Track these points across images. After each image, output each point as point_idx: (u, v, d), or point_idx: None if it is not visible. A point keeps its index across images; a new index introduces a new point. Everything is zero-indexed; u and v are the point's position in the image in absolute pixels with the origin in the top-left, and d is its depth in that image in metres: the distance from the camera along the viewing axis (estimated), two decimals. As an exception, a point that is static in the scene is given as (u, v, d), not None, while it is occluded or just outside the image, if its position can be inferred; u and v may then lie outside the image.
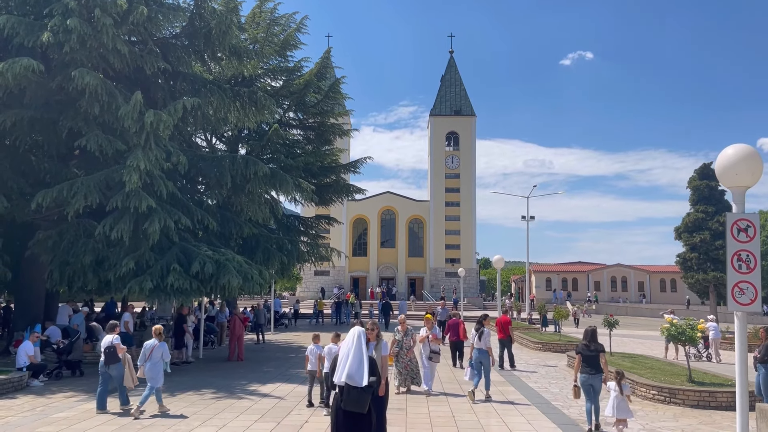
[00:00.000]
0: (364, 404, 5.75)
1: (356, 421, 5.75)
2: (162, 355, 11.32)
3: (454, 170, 67.84)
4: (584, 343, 10.20)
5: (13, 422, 10.28)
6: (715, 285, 38.91)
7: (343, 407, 5.79)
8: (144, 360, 11.16)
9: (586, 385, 9.98)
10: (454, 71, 71.88)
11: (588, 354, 10.04)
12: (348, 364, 5.90)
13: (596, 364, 9.98)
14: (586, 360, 10.03)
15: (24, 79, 16.06)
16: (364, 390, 5.78)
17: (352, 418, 5.79)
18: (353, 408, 5.76)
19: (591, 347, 10.08)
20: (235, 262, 17.52)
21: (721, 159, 6.31)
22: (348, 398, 5.79)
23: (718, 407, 12.19)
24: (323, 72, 32.26)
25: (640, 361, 17.21)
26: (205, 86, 19.56)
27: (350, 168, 34.42)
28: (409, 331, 13.36)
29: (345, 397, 5.78)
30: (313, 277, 65.82)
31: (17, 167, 18.56)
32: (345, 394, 5.79)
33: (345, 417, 5.78)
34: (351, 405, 5.78)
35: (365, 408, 5.78)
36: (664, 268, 79.25)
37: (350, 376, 5.83)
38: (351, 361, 5.88)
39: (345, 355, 6.06)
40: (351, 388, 5.81)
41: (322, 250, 31.91)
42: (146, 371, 11.16)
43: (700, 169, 40.58)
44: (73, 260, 17.05)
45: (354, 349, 5.99)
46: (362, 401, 5.74)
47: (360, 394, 5.75)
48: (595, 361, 9.98)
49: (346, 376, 5.86)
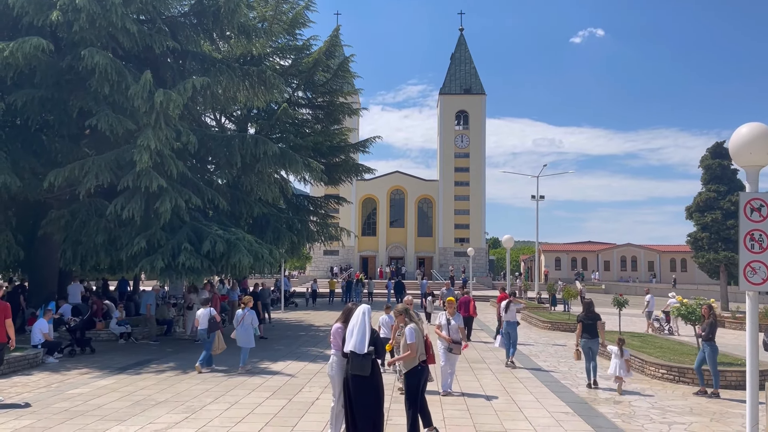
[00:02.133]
0: (367, 368, 7.03)
1: (362, 381, 7.05)
2: (252, 321, 13.54)
3: (464, 149, 67.52)
4: (584, 313, 12.28)
5: (29, 398, 10.47)
6: (726, 265, 38.68)
7: (351, 371, 7.07)
8: (237, 325, 13.37)
9: (585, 348, 12.07)
10: (464, 49, 71.20)
11: (587, 322, 12.07)
12: (354, 336, 7.12)
13: (594, 331, 12.05)
14: (586, 327, 12.07)
15: (34, 59, 16.08)
16: (365, 356, 7.04)
17: (360, 379, 7.05)
18: (358, 372, 7.03)
19: (589, 317, 12.11)
20: (245, 242, 17.62)
21: (736, 138, 6.25)
22: (353, 363, 7.06)
23: (728, 386, 12.20)
24: (332, 50, 31.97)
25: (650, 341, 17.24)
26: (214, 65, 19.51)
27: (359, 147, 34.30)
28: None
29: (351, 362, 7.08)
30: (322, 257, 66.07)
31: (29, 147, 18.66)
32: (351, 361, 7.08)
33: (353, 379, 7.08)
34: (356, 369, 7.04)
35: (368, 371, 7.04)
36: (674, 248, 78.97)
37: (355, 345, 7.06)
38: (356, 334, 7.13)
39: (352, 329, 7.22)
40: (355, 354, 7.05)
41: (331, 230, 31.96)
42: (238, 336, 13.32)
43: (713, 148, 40.10)
44: (85, 239, 17.21)
45: (359, 323, 7.21)
46: (365, 365, 7.02)
47: (362, 359, 7.02)
48: (593, 328, 12.06)
49: (351, 345, 7.08)
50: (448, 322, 11.03)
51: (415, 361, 7.71)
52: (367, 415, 7.09)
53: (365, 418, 7.07)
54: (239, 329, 13.37)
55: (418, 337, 7.81)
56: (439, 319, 11.33)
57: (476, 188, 67.19)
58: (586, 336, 12.05)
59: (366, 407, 7.09)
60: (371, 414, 7.12)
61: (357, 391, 7.09)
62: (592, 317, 12.12)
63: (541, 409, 10.11)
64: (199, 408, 9.82)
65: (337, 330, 7.64)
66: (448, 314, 11.16)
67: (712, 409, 10.41)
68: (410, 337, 7.73)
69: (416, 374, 7.73)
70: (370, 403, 7.13)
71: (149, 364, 14.30)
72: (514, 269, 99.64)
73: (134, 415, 9.28)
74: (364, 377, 7.06)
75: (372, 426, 7.12)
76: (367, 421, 7.08)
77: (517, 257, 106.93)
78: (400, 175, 69.60)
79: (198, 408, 9.82)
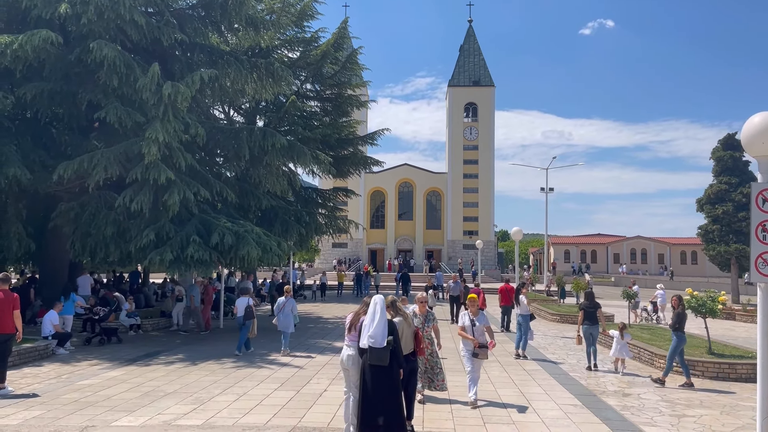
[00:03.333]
0: (386, 358, 7.23)
1: (381, 371, 7.23)
2: (292, 308, 14.90)
3: (473, 142, 67.28)
4: (586, 302, 13.44)
5: (39, 389, 10.54)
6: (737, 257, 38.39)
7: (369, 362, 7.23)
8: (278, 312, 14.78)
9: (587, 333, 13.20)
10: (473, 41, 70.83)
11: (589, 310, 13.20)
12: (373, 329, 7.24)
13: (594, 318, 13.16)
14: (587, 315, 13.19)
15: (43, 52, 16.13)
16: (384, 348, 7.21)
17: (378, 369, 7.21)
18: (378, 362, 7.20)
19: (591, 305, 13.26)
20: (254, 234, 17.64)
21: (748, 127, 6.16)
22: (371, 355, 7.21)
23: (738, 379, 12.14)
24: (340, 42, 31.87)
25: (659, 333, 17.14)
26: (222, 58, 19.49)
27: (368, 140, 34.22)
28: (430, 316, 9.85)
29: (370, 355, 7.23)
30: (331, 249, 66.16)
31: (39, 140, 18.76)
32: (369, 353, 7.23)
33: (371, 369, 7.24)
34: (375, 360, 7.20)
35: (387, 361, 7.24)
36: (685, 240, 78.48)
37: (373, 338, 7.19)
38: (375, 326, 7.24)
39: (369, 322, 7.32)
40: (373, 348, 7.18)
41: (339, 223, 31.97)
42: (279, 321, 14.74)
43: (724, 140, 39.73)
44: (94, 231, 17.29)
45: (377, 316, 7.30)
46: (384, 356, 7.21)
47: (380, 352, 7.20)
48: (594, 315, 13.16)
49: (368, 339, 7.21)
50: (472, 323, 9.83)
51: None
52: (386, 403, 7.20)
53: (384, 407, 7.17)
54: (280, 315, 14.79)
55: (402, 331, 7.97)
56: (461, 320, 10.07)
57: (485, 180, 66.98)
58: (588, 323, 13.16)
59: (384, 396, 7.21)
60: (391, 402, 7.26)
61: (375, 380, 7.20)
62: (593, 305, 13.26)
63: (550, 402, 10.08)
64: (207, 399, 9.86)
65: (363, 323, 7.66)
66: (471, 314, 9.94)
67: (723, 401, 10.34)
68: None
69: None
70: (390, 391, 7.28)
71: (158, 356, 14.38)
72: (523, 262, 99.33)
73: (143, 406, 9.33)
74: (383, 367, 7.23)
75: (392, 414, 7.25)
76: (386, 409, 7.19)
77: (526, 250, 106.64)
78: (408, 167, 69.47)
79: (206, 399, 9.86)
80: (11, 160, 16.67)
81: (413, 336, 8.11)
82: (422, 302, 9.83)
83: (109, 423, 8.34)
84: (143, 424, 8.32)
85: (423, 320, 9.55)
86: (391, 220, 67.95)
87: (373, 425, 7.21)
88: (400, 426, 7.36)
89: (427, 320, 9.66)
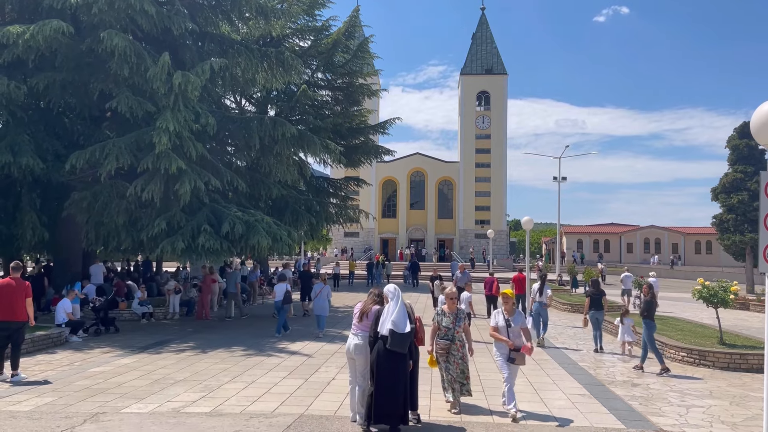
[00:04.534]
0: (406, 345, 7.35)
1: (396, 357, 7.29)
2: (327, 294, 16.09)
3: (485, 131, 66.98)
4: (592, 289, 14.53)
5: (52, 376, 10.70)
6: (752, 247, 38.01)
7: (389, 347, 7.25)
8: (315, 297, 16.08)
9: (593, 318, 14.31)
10: (486, 28, 70.31)
11: (594, 297, 14.30)
12: (395, 315, 7.34)
13: (600, 304, 14.24)
14: (593, 301, 14.28)
15: (54, 42, 16.23)
16: (408, 334, 7.33)
17: (393, 355, 7.28)
18: (398, 348, 7.27)
19: (596, 292, 14.31)
20: (264, 223, 17.72)
21: (757, 115, 6.08)
22: (393, 341, 7.24)
23: (749, 369, 12.05)
24: (351, 31, 31.78)
25: (670, 323, 17.04)
26: (233, 47, 19.50)
27: (379, 129, 34.16)
28: (460, 314, 8.55)
29: (391, 340, 7.25)
30: (342, 239, 66.33)
31: (51, 129, 18.92)
32: (390, 339, 7.25)
33: (387, 355, 7.27)
34: (396, 345, 7.26)
35: (407, 348, 7.36)
36: (699, 230, 77.79)
37: (395, 324, 7.28)
38: (397, 313, 7.36)
39: (391, 310, 7.43)
40: (395, 333, 7.25)
41: (350, 212, 32.02)
42: (316, 305, 16.07)
43: (740, 128, 39.27)
44: (107, 220, 17.45)
45: (398, 303, 7.46)
46: (405, 342, 7.32)
47: (404, 337, 7.28)
48: (599, 302, 14.25)
49: (392, 324, 7.28)
50: (507, 324, 8.50)
51: None
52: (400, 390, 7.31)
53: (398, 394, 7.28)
54: (317, 300, 16.04)
55: None
56: (494, 319, 8.66)
57: (497, 170, 66.72)
58: (594, 308, 14.25)
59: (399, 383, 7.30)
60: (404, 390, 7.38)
61: (391, 367, 7.27)
62: (599, 293, 14.35)
63: (558, 391, 10.06)
64: (216, 387, 9.95)
65: (376, 312, 7.68)
66: (506, 312, 8.60)
67: (733, 392, 10.27)
68: None
69: None
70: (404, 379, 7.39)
71: (170, 344, 14.52)
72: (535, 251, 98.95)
73: (153, 393, 9.44)
74: (399, 354, 7.32)
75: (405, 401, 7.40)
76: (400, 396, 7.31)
77: (538, 239, 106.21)
78: (420, 156, 69.32)
79: (215, 387, 9.95)
80: (24, 149, 16.85)
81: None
82: (452, 299, 8.61)
83: (119, 410, 8.45)
84: (153, 411, 8.42)
85: (453, 319, 8.45)
86: (403, 210, 67.93)
87: (388, 412, 7.25)
88: (405, 415, 7.47)
89: (458, 319, 8.49)
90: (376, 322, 7.56)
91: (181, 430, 7.52)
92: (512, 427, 7.94)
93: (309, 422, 7.93)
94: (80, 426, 7.63)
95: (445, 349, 8.39)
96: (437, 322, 8.54)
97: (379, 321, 7.50)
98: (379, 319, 7.51)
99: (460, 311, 8.61)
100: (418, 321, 8.04)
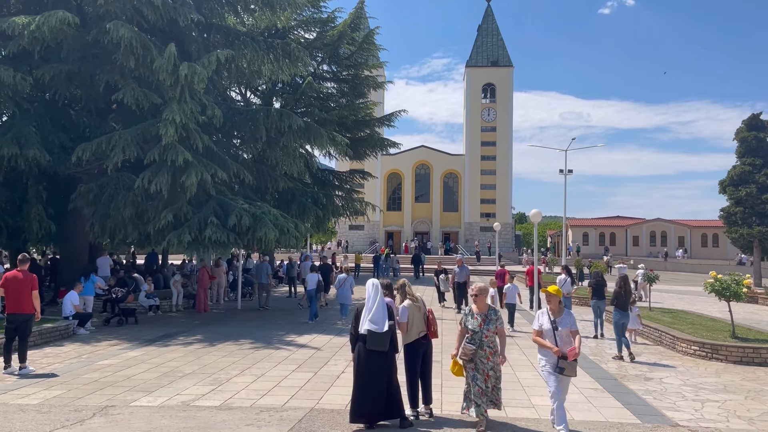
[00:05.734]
0: (386, 344, 7.24)
1: (377, 356, 7.20)
2: (350, 284, 17.31)
3: (491, 123, 66.67)
4: (593, 280, 15.55)
5: (59, 369, 10.64)
6: (760, 240, 37.69)
7: (368, 348, 7.19)
8: (338, 287, 17.20)
9: (595, 306, 15.23)
10: (492, 20, 69.90)
11: (596, 287, 15.24)
12: (372, 314, 7.23)
13: (602, 294, 15.14)
14: (595, 291, 15.22)
15: (60, 33, 16.11)
16: (386, 333, 7.23)
17: (374, 354, 7.19)
18: (378, 348, 7.18)
19: (599, 283, 15.24)
20: (271, 215, 17.63)
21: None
22: (371, 341, 7.18)
23: (763, 363, 11.92)
24: (357, 23, 31.54)
25: (681, 317, 16.91)
26: (239, 38, 19.35)
27: (384, 121, 33.97)
28: (492, 315, 7.33)
29: (369, 340, 7.19)
30: (348, 232, 66.22)
31: (58, 122, 18.84)
32: (369, 338, 7.19)
33: (367, 355, 7.21)
34: (376, 345, 7.18)
35: (386, 347, 7.25)
36: (706, 223, 77.41)
37: (373, 323, 7.19)
38: (374, 312, 7.24)
39: (369, 308, 7.30)
40: (373, 333, 7.18)
41: (356, 205, 31.90)
42: (340, 294, 17.25)
43: (749, 120, 38.81)
44: (113, 213, 17.37)
45: (376, 301, 7.31)
46: (384, 341, 7.22)
47: (382, 336, 7.20)
48: (600, 291, 15.16)
49: (369, 324, 7.19)
50: (554, 327, 7.15)
51: (412, 336, 7.75)
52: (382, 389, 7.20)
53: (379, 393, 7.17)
54: (341, 290, 17.17)
55: (413, 315, 7.77)
56: (538, 321, 7.35)
57: (503, 162, 66.44)
58: (596, 297, 15.17)
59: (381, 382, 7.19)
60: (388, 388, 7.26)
61: (373, 366, 7.18)
62: (601, 283, 15.27)
63: (570, 386, 9.93)
64: (225, 380, 9.88)
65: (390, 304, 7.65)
66: (551, 313, 7.27)
67: (747, 386, 10.14)
68: (402, 316, 7.74)
69: (414, 349, 7.77)
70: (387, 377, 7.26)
71: (177, 337, 14.47)
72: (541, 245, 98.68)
73: (162, 386, 9.37)
74: (380, 353, 7.22)
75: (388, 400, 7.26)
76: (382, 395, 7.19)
77: (543, 232, 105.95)
78: (425, 149, 69.09)
79: (224, 380, 9.88)
80: (30, 141, 16.77)
81: (424, 318, 7.86)
82: (477, 295, 7.43)
83: (128, 403, 8.38)
84: (162, 404, 8.35)
85: (482, 321, 7.26)
86: (408, 203, 67.77)
87: (368, 412, 7.20)
88: (395, 412, 7.33)
89: (488, 321, 7.26)
90: (356, 320, 7.48)
91: (192, 423, 7.45)
92: (531, 423, 7.83)
93: (320, 416, 7.84)
94: (90, 419, 7.56)
95: (469, 354, 7.14)
96: (463, 324, 7.38)
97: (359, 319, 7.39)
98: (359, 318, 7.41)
99: (492, 311, 7.37)
100: (430, 313, 8.00)
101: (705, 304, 24.34)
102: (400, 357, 7.65)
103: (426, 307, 7.98)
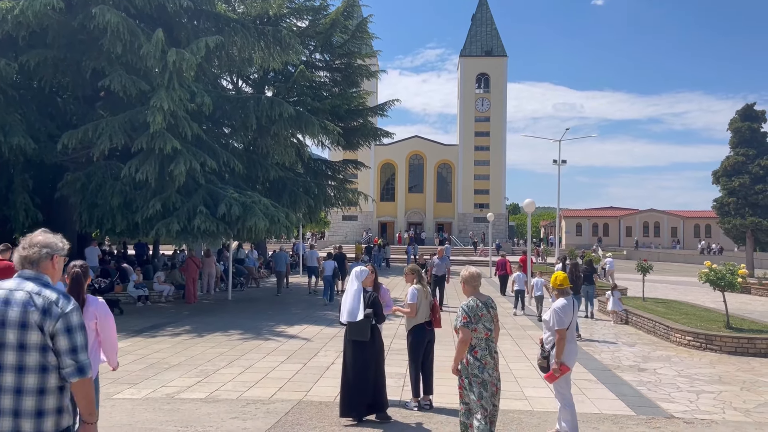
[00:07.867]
0: (366, 333, 7.01)
1: (363, 346, 7.07)
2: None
3: (484, 113, 66.44)
4: (584, 266, 16.35)
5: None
6: (753, 230, 37.78)
7: (350, 338, 7.11)
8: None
9: (584, 291, 15.88)
10: (486, 9, 69.52)
11: (586, 273, 16.05)
12: (347, 304, 7.12)
13: (591, 279, 16.37)
14: (585, 277, 15.87)
15: (45, 17, 15.74)
16: (364, 321, 7.02)
17: (357, 345, 7.08)
18: (358, 337, 7.03)
19: (588, 270, 16.37)
20: (261, 205, 17.39)
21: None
22: (351, 330, 7.09)
23: (757, 354, 11.80)
24: (350, 11, 31.18)
25: (675, 307, 16.80)
26: (229, 25, 19.00)
27: (377, 111, 33.71)
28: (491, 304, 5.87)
29: (349, 330, 7.12)
30: (341, 222, 65.99)
31: (44, 109, 18.49)
32: (348, 329, 7.13)
33: (351, 346, 7.11)
34: (355, 335, 7.05)
35: (368, 336, 7.02)
36: (698, 213, 77.69)
37: (350, 313, 7.07)
38: (349, 302, 7.13)
39: (345, 299, 7.22)
40: (351, 323, 7.07)
41: (349, 195, 31.67)
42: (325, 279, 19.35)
43: (742, 111, 38.79)
44: (101, 202, 17.10)
45: (352, 291, 7.17)
46: (364, 330, 7.01)
47: (359, 325, 7.02)
48: (590, 277, 16.32)
49: (347, 315, 7.07)
50: None
51: (416, 320, 7.63)
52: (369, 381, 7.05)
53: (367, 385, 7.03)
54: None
55: (421, 299, 7.64)
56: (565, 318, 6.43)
57: (496, 153, 66.27)
58: (585, 283, 15.97)
59: (367, 373, 7.04)
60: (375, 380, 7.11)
61: (357, 357, 7.05)
62: (590, 270, 16.67)
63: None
64: (212, 372, 9.67)
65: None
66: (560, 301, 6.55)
67: (743, 377, 10.02)
68: (411, 298, 7.63)
69: (418, 333, 7.63)
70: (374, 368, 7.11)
71: (165, 327, 14.25)
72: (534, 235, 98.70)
73: (147, 378, 9.16)
74: (364, 343, 7.04)
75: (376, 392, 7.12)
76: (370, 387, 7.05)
77: (537, 223, 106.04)
78: (419, 139, 68.82)
79: (211, 372, 9.67)
80: (15, 129, 16.43)
81: (430, 306, 7.78)
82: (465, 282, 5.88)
83: (111, 395, 8.17)
84: (146, 396, 8.14)
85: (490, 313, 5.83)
86: (402, 193, 67.56)
87: (356, 404, 7.04)
88: (382, 405, 7.18)
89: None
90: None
91: (176, 417, 7.24)
92: (524, 416, 7.68)
93: (307, 409, 7.65)
94: (70, 413, 7.34)
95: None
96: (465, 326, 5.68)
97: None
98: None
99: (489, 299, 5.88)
100: (435, 303, 7.92)
101: (697, 294, 24.30)
102: (401, 345, 7.50)
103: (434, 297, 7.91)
